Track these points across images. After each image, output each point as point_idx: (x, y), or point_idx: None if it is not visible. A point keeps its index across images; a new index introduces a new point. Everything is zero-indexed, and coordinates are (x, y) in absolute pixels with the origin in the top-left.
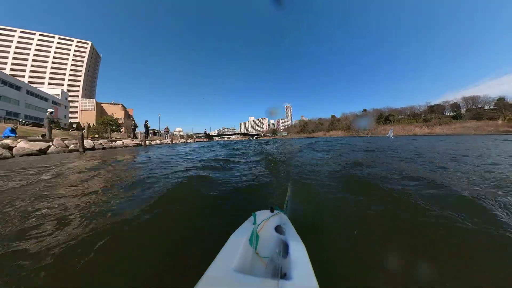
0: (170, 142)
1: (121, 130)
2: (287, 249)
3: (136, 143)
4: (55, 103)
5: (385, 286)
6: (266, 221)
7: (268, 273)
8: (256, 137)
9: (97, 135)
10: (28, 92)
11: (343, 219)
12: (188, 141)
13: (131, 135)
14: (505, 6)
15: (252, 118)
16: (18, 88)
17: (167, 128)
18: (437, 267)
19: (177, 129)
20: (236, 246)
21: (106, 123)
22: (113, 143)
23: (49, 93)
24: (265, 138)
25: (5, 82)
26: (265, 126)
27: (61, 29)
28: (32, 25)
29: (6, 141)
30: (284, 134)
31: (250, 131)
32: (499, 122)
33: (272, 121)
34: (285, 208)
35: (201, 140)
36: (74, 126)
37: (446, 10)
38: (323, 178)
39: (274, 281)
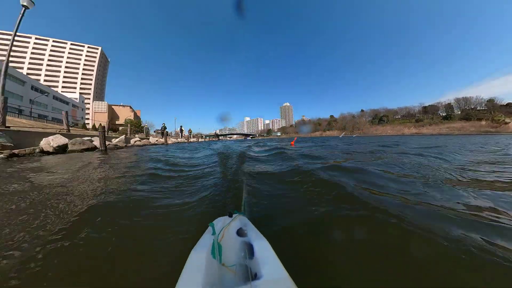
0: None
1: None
2: (252, 249)
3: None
4: (74, 106)
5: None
6: (226, 227)
7: (239, 280)
8: (251, 137)
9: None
10: (54, 97)
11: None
12: (191, 140)
13: (160, 136)
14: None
15: (247, 118)
16: (45, 93)
17: (190, 130)
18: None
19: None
20: (198, 264)
21: (131, 125)
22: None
23: (69, 97)
24: (259, 138)
25: (36, 89)
26: (260, 126)
27: (64, 33)
28: (46, 30)
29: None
30: (279, 134)
31: (245, 131)
32: (483, 123)
33: (267, 121)
34: (243, 209)
35: (210, 139)
36: (97, 127)
37: (450, 9)
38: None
39: (246, 286)
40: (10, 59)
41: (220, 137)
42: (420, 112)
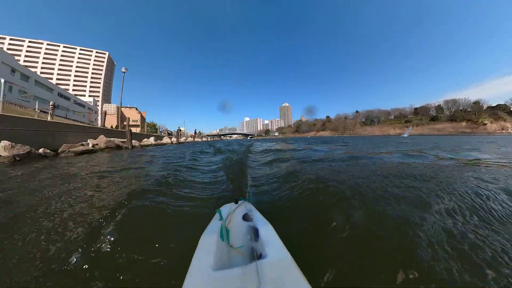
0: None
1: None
2: (257, 232)
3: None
4: (89, 109)
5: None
6: (232, 213)
7: (245, 260)
8: (250, 137)
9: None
10: (74, 101)
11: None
12: (197, 139)
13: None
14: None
15: (247, 119)
16: (68, 99)
17: (200, 131)
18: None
19: (181, 129)
20: (209, 246)
21: (147, 128)
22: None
23: (84, 100)
24: (258, 137)
25: (61, 96)
26: (259, 126)
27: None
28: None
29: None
30: (276, 134)
31: (244, 131)
32: (463, 124)
33: (266, 121)
34: (247, 196)
35: (211, 139)
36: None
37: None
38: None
39: (252, 265)
40: (25, 64)
41: (221, 137)
42: (411, 113)
